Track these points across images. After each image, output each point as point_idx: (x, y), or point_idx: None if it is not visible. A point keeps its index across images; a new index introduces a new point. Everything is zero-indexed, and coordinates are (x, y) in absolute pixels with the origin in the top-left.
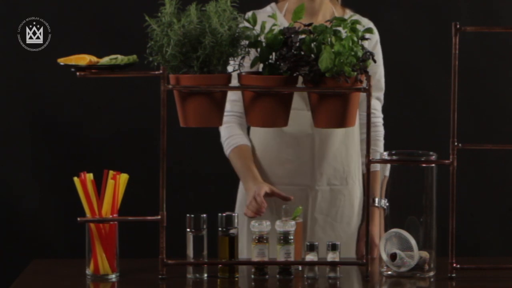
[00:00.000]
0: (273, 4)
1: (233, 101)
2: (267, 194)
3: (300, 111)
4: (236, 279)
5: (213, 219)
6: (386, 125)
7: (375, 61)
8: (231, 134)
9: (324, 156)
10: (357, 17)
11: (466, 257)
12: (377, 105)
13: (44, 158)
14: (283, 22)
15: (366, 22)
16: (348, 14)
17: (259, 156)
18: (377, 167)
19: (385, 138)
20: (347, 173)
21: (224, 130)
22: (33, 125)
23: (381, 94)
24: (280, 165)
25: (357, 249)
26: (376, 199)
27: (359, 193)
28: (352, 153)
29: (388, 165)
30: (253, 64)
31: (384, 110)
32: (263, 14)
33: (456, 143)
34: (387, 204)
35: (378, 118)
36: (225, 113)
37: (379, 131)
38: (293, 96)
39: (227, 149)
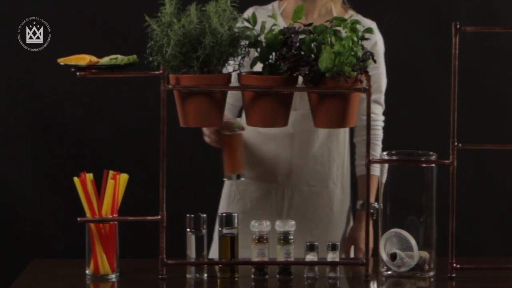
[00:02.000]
0: (275, 3)
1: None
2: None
3: None
4: (236, 279)
5: (214, 219)
6: (386, 124)
7: (374, 61)
8: None
9: (303, 157)
10: (359, 17)
11: (466, 257)
12: (375, 109)
13: (44, 158)
14: (279, 21)
15: (369, 23)
16: (349, 14)
17: (248, 151)
18: (376, 171)
19: (385, 138)
20: (327, 176)
21: None
22: (33, 125)
23: (379, 97)
24: (258, 163)
25: (341, 251)
26: (365, 203)
27: (341, 196)
28: (335, 155)
29: (385, 173)
30: (253, 64)
31: (384, 109)
32: (264, 12)
33: (456, 143)
34: (377, 207)
35: (376, 121)
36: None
37: (377, 135)
38: (293, 96)
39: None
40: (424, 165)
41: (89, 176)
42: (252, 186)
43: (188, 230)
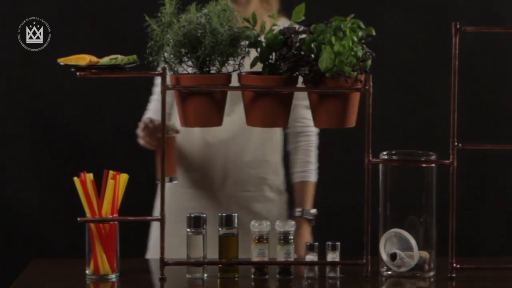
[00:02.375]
0: None
1: (152, 110)
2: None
3: None
4: (236, 279)
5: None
6: (386, 124)
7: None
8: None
9: (238, 163)
10: (285, 21)
11: (466, 257)
12: (307, 114)
13: (44, 158)
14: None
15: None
16: (281, 21)
17: (186, 160)
18: (312, 178)
19: (386, 138)
20: (262, 181)
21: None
22: (33, 125)
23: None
24: (193, 169)
25: None
26: (305, 210)
27: (278, 200)
28: (271, 161)
29: (314, 170)
30: (253, 64)
31: (384, 109)
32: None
33: (456, 143)
34: (315, 214)
35: (309, 127)
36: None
37: (312, 141)
38: (293, 96)
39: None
40: (424, 165)
41: (89, 176)
42: (188, 194)
43: (188, 230)
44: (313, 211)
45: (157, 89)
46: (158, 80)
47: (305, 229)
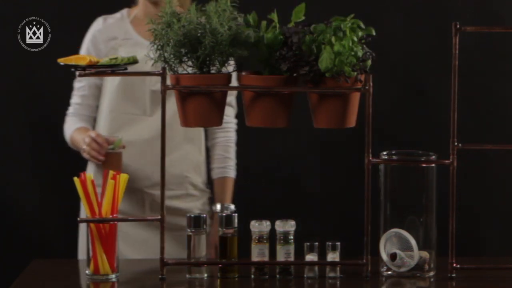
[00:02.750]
0: (124, 10)
1: (75, 104)
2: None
3: (137, 116)
4: (236, 279)
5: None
6: (386, 124)
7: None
8: (73, 123)
9: (159, 162)
10: None
11: (466, 257)
12: (227, 111)
13: (44, 158)
14: (128, 28)
15: None
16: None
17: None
18: (231, 174)
19: (386, 138)
20: (184, 179)
21: (67, 124)
22: (33, 125)
23: (231, 99)
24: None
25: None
26: (225, 206)
27: (201, 198)
28: (193, 159)
29: (233, 166)
30: (253, 64)
31: (384, 109)
32: (113, 22)
33: (456, 143)
34: (233, 209)
35: (229, 123)
36: (69, 114)
37: (231, 137)
38: (293, 96)
39: (68, 134)
40: (424, 165)
41: (89, 176)
42: None
43: (188, 230)
44: (232, 206)
45: (78, 84)
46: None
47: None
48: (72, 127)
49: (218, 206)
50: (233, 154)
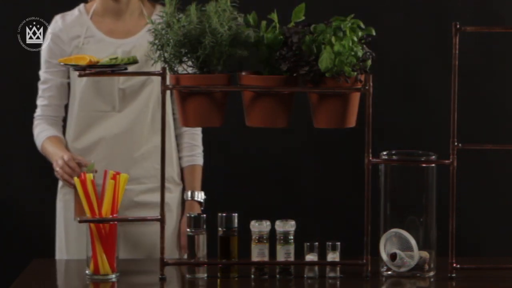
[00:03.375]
0: (81, 6)
1: (43, 105)
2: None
3: (107, 112)
4: (236, 279)
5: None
6: (386, 124)
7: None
8: (42, 129)
9: (131, 156)
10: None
11: (466, 257)
12: None
13: (44, 158)
14: (89, 25)
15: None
16: (158, 9)
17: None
18: (198, 161)
19: (386, 138)
20: (157, 171)
21: (37, 128)
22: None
23: None
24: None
25: (179, 244)
26: (196, 193)
27: (174, 189)
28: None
29: (201, 154)
30: (253, 64)
31: (384, 109)
32: (72, 19)
33: (456, 143)
34: (204, 197)
35: None
36: (36, 117)
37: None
38: (293, 96)
39: (39, 143)
40: (424, 165)
41: (89, 176)
42: None
43: (188, 230)
44: (202, 194)
45: (43, 86)
46: (45, 75)
47: (198, 212)
48: (43, 135)
49: (189, 194)
50: (200, 142)
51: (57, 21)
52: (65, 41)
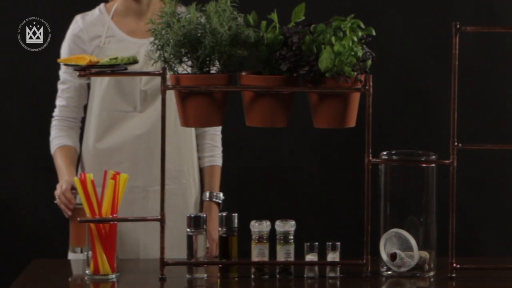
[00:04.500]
0: (101, 6)
1: (61, 106)
2: (73, 188)
3: (128, 113)
4: (236, 279)
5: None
6: (386, 124)
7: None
8: (58, 135)
9: (153, 157)
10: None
11: (466, 257)
12: None
13: (44, 158)
14: (110, 25)
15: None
16: (178, 10)
17: (91, 159)
18: (218, 162)
19: (386, 138)
20: (179, 173)
21: (52, 132)
22: (33, 125)
23: None
24: (112, 167)
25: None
26: (214, 194)
27: (194, 190)
28: (185, 152)
29: (220, 155)
30: (253, 64)
31: (384, 109)
32: (92, 20)
33: (456, 143)
34: (223, 198)
35: None
36: (55, 117)
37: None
38: (293, 96)
39: (52, 149)
40: (424, 165)
41: (89, 176)
42: None
43: (188, 230)
44: (221, 195)
45: (63, 86)
46: (65, 75)
47: (216, 213)
48: (56, 142)
49: (208, 194)
50: (220, 143)
51: (78, 21)
52: (85, 41)
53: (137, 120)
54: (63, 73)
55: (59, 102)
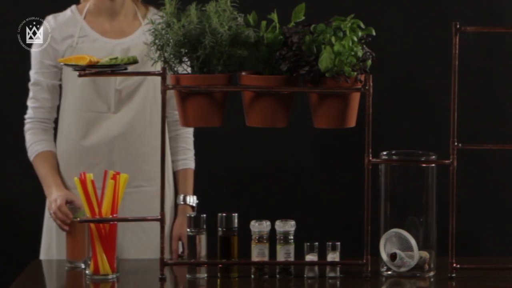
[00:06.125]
0: (73, 7)
1: (35, 107)
2: (67, 202)
3: (103, 113)
4: (236, 279)
5: (213, 219)
6: (386, 124)
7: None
8: (35, 140)
9: (130, 158)
10: (160, 13)
11: (466, 257)
12: None
13: None
14: (83, 25)
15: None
16: (151, 12)
17: (66, 161)
18: (191, 165)
19: (386, 138)
20: (155, 174)
21: (28, 136)
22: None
23: None
24: (87, 169)
25: (171, 248)
26: (188, 197)
27: (169, 192)
28: (159, 153)
29: (193, 157)
30: (253, 64)
31: (384, 109)
32: (65, 21)
33: (456, 143)
34: (197, 201)
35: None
36: (28, 119)
37: (190, 129)
38: (293, 96)
39: (31, 155)
40: (424, 165)
41: (89, 176)
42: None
43: (188, 230)
44: (195, 198)
45: (34, 87)
46: (36, 76)
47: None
48: (34, 149)
49: (182, 198)
50: (192, 145)
51: (49, 20)
52: (58, 40)
53: (112, 121)
54: (35, 73)
55: (32, 103)
